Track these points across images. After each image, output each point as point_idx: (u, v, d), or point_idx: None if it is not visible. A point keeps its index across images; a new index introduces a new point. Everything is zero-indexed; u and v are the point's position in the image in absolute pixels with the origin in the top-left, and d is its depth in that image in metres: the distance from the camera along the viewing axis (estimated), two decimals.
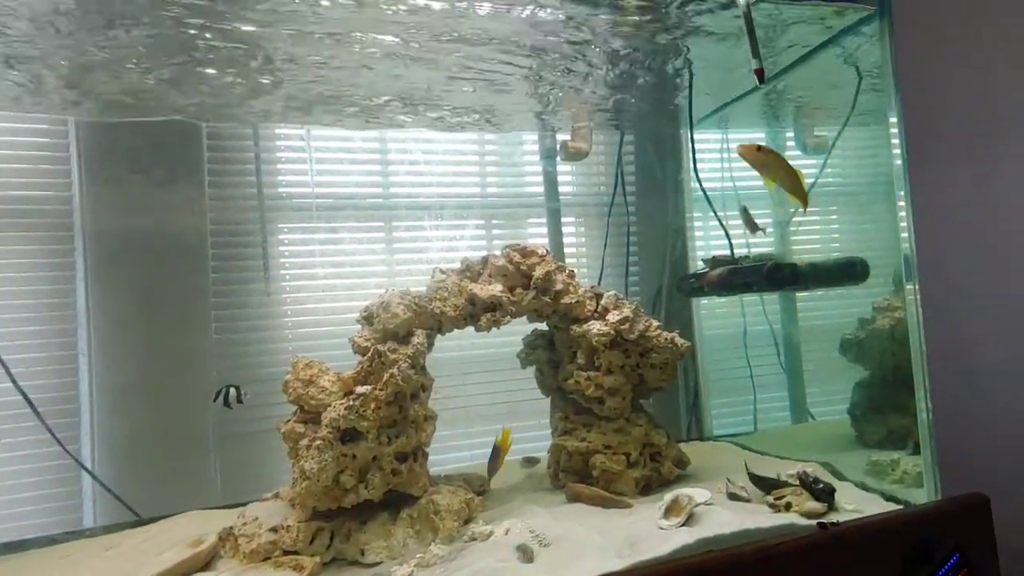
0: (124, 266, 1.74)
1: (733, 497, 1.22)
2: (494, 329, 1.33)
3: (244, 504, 1.31)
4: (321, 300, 1.94)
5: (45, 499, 1.68)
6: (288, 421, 1.17)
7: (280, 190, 1.92)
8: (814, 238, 2.11)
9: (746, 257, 1.62)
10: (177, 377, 1.77)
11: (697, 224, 2.08)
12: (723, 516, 1.06)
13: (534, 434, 1.88)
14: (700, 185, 1.63)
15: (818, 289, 1.81)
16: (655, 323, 1.37)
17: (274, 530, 1.10)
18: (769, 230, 1.87)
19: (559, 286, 1.33)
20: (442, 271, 1.33)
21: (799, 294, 2.03)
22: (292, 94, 1.58)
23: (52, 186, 1.73)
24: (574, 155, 1.74)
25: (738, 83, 1.65)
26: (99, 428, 1.70)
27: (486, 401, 1.97)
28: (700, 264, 1.73)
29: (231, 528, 1.12)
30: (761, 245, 1.87)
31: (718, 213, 1.67)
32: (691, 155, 1.72)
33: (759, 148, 1.37)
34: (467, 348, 1.97)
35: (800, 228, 2.01)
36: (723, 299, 1.95)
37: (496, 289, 1.29)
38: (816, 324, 2.10)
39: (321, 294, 1.95)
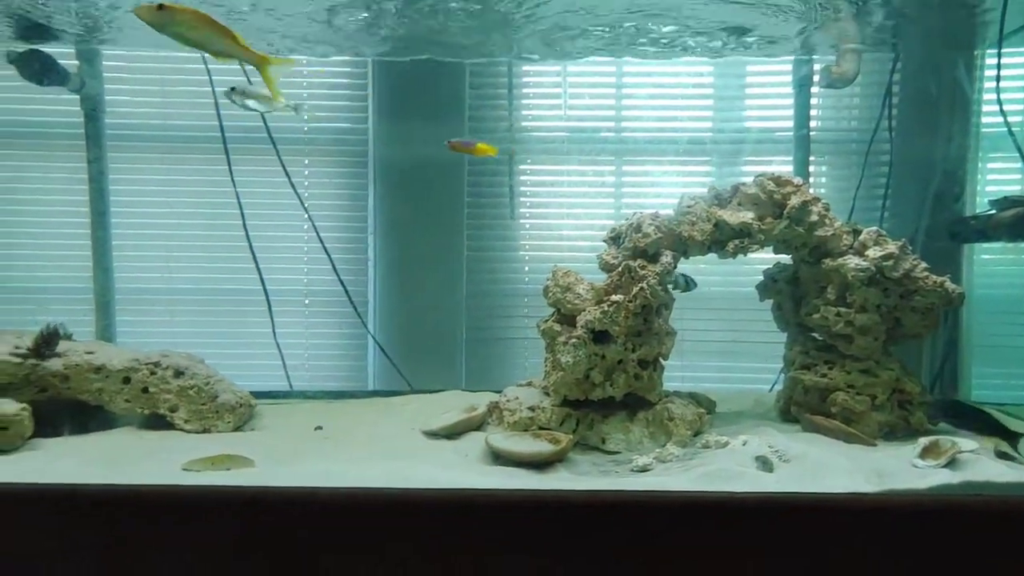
0: (401, 188, 2.08)
1: (1002, 456, 1.12)
2: (707, 266, 1.32)
3: (485, 391, 1.56)
4: (556, 227, 2.12)
5: (342, 367, 2.15)
6: (547, 321, 1.35)
7: (525, 124, 2.10)
8: None
9: None
10: (437, 282, 2.09)
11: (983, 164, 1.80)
12: (993, 466, 0.99)
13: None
14: (1004, 117, 1.40)
15: None
16: (923, 264, 1.26)
17: (531, 409, 1.30)
18: None
19: (814, 217, 1.30)
20: (690, 197, 1.37)
21: None
22: (546, 28, 1.67)
23: (353, 120, 2.10)
24: (838, 80, 1.61)
25: None
26: (379, 317, 2.11)
27: (701, 337, 2.00)
28: (987, 205, 1.52)
29: (497, 403, 1.35)
30: None
31: None
32: (995, 80, 1.48)
33: (160, 7, 1.02)
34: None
35: None
36: (1009, 258, 1.69)
37: (747, 216, 1.30)
38: None
39: (555, 221, 2.12)
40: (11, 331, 1.24)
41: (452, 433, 1.29)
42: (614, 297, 1.23)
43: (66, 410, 1.24)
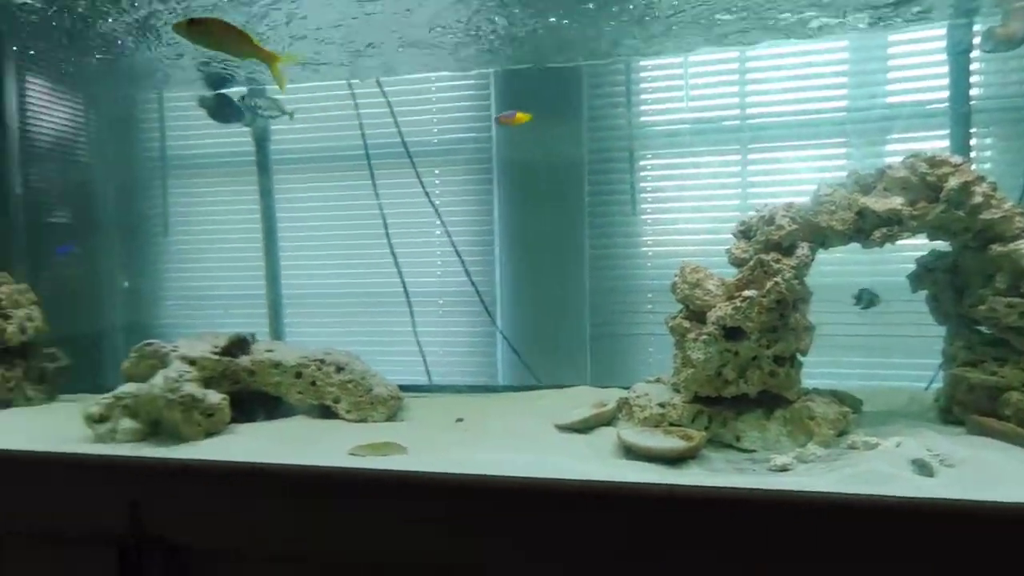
0: (524, 191, 2.16)
1: None
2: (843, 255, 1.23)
3: (612, 387, 1.59)
4: (679, 221, 2.08)
5: (473, 363, 2.29)
6: (676, 317, 1.35)
7: (644, 119, 2.09)
8: None
9: None
10: (561, 280, 2.15)
11: None
12: None
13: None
14: None
15: None
16: None
17: (662, 405, 1.31)
18: None
19: (977, 199, 1.17)
20: (828, 185, 1.30)
21: None
22: (668, 24, 1.66)
23: (477, 129, 2.22)
24: (1003, 43, 1.44)
25: None
26: (507, 315, 2.21)
27: (843, 332, 1.87)
28: None
29: (626, 399, 1.38)
30: None
31: None
32: None
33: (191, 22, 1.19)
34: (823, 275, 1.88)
35: None
36: None
37: (895, 202, 1.21)
38: None
39: (679, 215, 2.09)
40: (210, 332, 1.48)
41: (584, 428, 1.34)
42: (746, 292, 1.20)
43: (252, 400, 1.46)
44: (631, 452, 1.17)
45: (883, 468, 0.99)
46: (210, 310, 2.24)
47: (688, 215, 2.07)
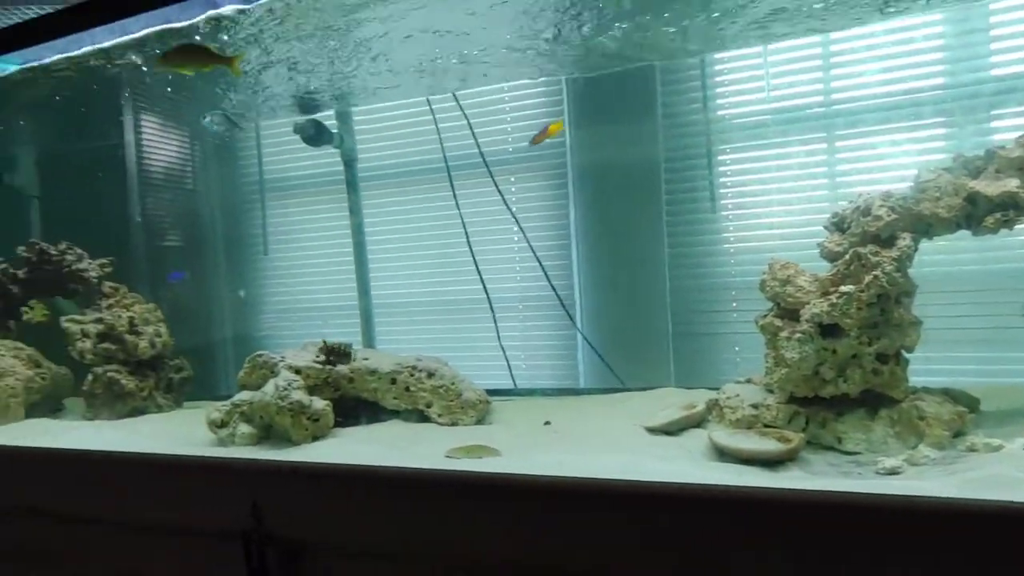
0: (599, 193, 2.16)
1: None
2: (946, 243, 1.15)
3: (697, 388, 1.57)
4: (762, 216, 2.01)
5: (554, 366, 2.31)
6: (766, 316, 1.31)
7: (721, 112, 2.04)
8: None
9: None
10: (640, 281, 2.13)
11: None
12: None
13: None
14: None
15: None
16: None
17: (754, 406, 1.28)
18: None
19: None
20: (930, 170, 1.22)
21: None
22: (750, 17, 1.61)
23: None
24: None
25: None
26: (586, 318, 2.22)
27: (953, 325, 1.74)
28: None
29: (716, 400, 1.36)
30: None
31: None
32: None
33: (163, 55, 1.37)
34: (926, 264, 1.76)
35: None
36: None
37: (1010, 184, 1.12)
38: None
39: (761, 210, 2.02)
40: (313, 343, 1.59)
41: (673, 430, 1.32)
42: (843, 288, 1.15)
43: (352, 405, 1.55)
44: (725, 454, 1.15)
45: (1010, 472, 0.92)
46: (307, 321, 2.39)
47: (771, 209, 2.00)
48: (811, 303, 1.20)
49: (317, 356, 1.53)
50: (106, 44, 1.36)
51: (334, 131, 2.04)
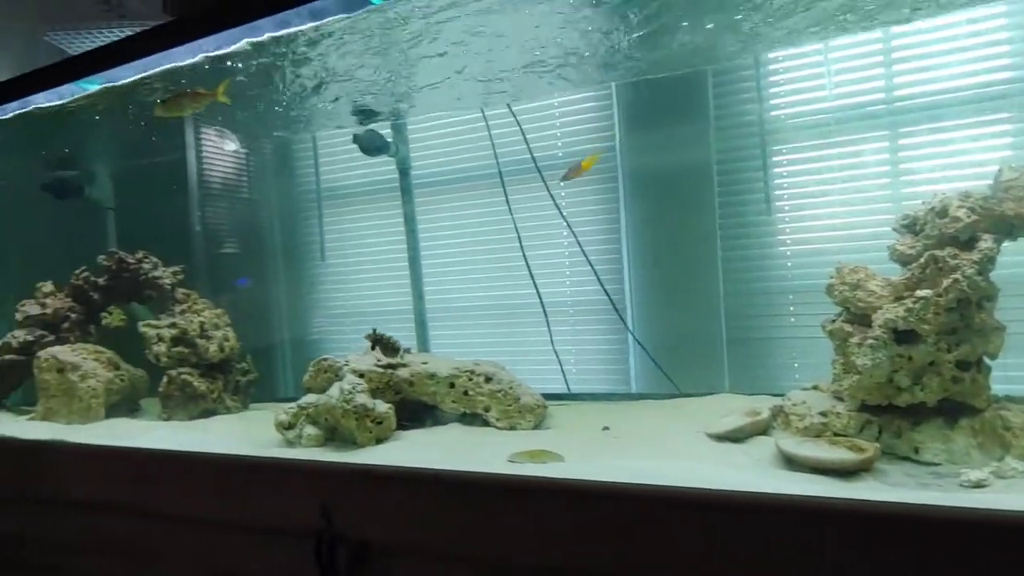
0: (650, 197, 2.14)
1: None
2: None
3: (754, 395, 1.54)
4: (821, 218, 1.96)
5: (605, 371, 2.30)
6: (835, 321, 1.28)
7: (775, 113, 1.99)
8: None
9: None
10: (692, 285, 2.10)
11: None
12: None
13: None
14: None
15: None
16: None
17: (823, 414, 1.24)
18: None
19: None
20: (1012, 168, 1.17)
21: None
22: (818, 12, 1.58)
23: (600, 139, 2.24)
24: None
25: None
26: (637, 322, 2.20)
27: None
28: None
29: (781, 407, 1.33)
30: None
31: None
32: None
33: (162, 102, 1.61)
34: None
35: None
36: None
37: None
38: None
39: (817, 212, 1.96)
40: (375, 352, 1.63)
41: (737, 436, 1.30)
42: (920, 292, 1.12)
43: (412, 409, 1.58)
44: (793, 463, 1.13)
45: None
46: (363, 326, 2.45)
47: (830, 211, 1.94)
48: (884, 308, 1.16)
49: (377, 360, 1.57)
50: (184, 63, 1.43)
51: (389, 140, 2.09)
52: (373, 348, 1.60)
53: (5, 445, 1.67)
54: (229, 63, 1.61)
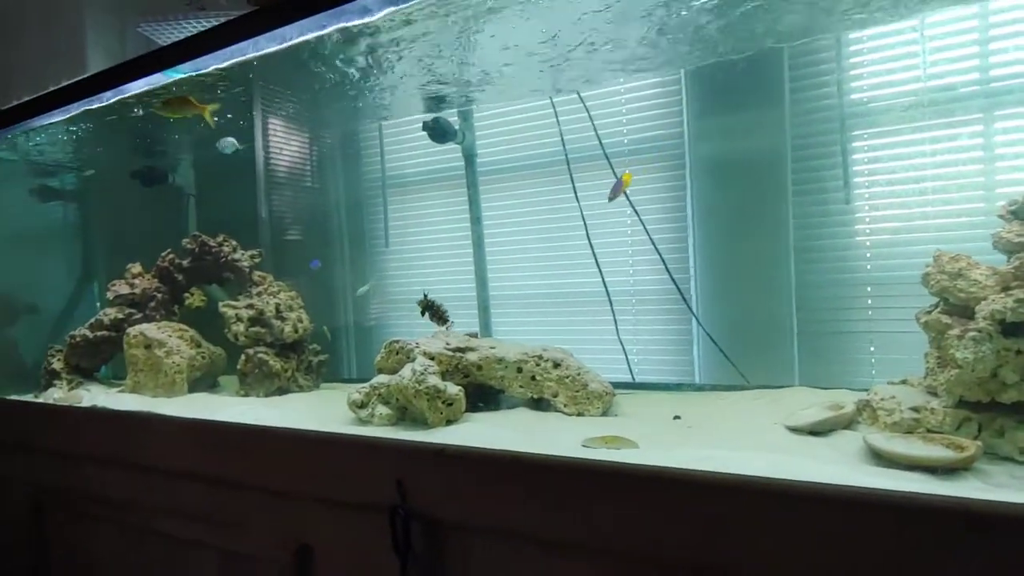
0: (719, 184, 2.08)
1: None
2: None
3: (828, 389, 1.49)
4: (902, 206, 1.86)
5: (669, 361, 2.26)
6: (931, 312, 1.21)
7: (856, 96, 1.89)
8: None
9: None
10: (763, 276, 2.03)
11: None
12: None
13: None
14: None
15: None
16: None
17: (915, 410, 1.18)
18: None
19: None
20: None
21: None
22: None
23: (667, 125, 2.19)
24: None
25: None
26: (702, 312, 2.15)
27: None
28: None
29: (867, 401, 1.27)
30: None
31: None
32: None
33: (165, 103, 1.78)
34: None
35: None
36: None
37: None
38: None
39: (902, 199, 1.86)
40: (442, 332, 1.65)
41: (818, 430, 1.25)
42: None
43: (479, 392, 1.60)
44: (881, 459, 1.07)
45: None
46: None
47: (916, 198, 1.84)
48: (990, 298, 1.09)
49: (447, 344, 1.59)
50: (269, 50, 1.48)
51: (456, 127, 2.10)
52: (423, 314, 1.63)
53: (103, 414, 1.79)
54: (301, 53, 1.65)
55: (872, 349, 1.92)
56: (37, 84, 2.12)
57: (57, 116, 1.95)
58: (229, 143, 2.22)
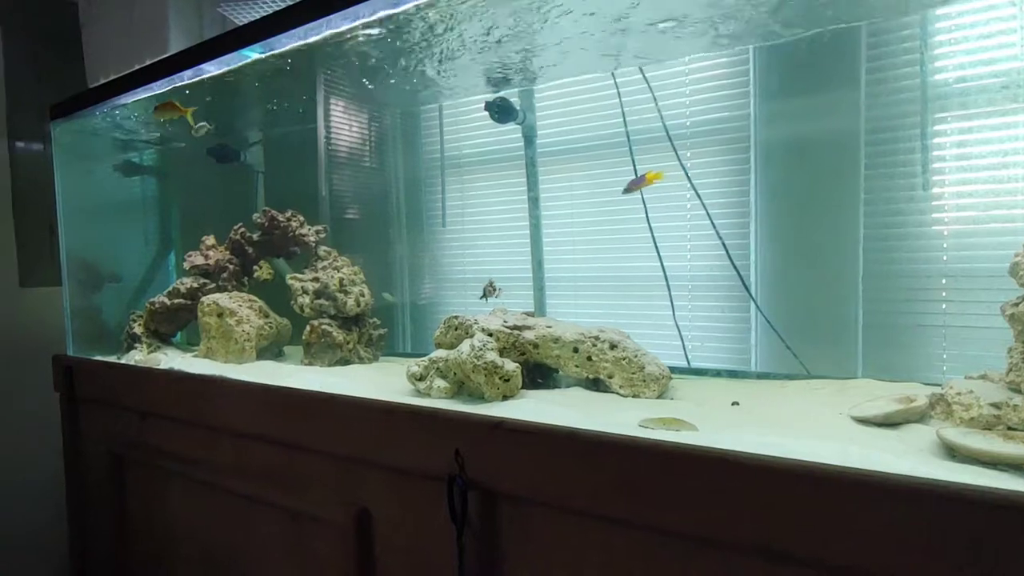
0: (786, 168, 2.01)
1: None
2: None
3: (896, 382, 1.44)
4: (986, 194, 1.75)
5: (725, 348, 2.22)
6: (1018, 304, 1.15)
7: (940, 76, 1.79)
8: None
9: None
10: (828, 264, 1.96)
11: None
12: None
13: None
14: None
15: None
16: None
17: (995, 406, 1.13)
18: None
19: None
20: None
21: None
22: None
23: (733, 107, 2.13)
24: None
25: None
26: (762, 300, 2.09)
27: None
28: None
29: (942, 395, 1.22)
30: None
31: None
32: None
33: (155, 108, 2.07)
34: None
35: None
36: None
37: None
38: None
39: (987, 187, 1.75)
40: (500, 309, 1.68)
41: (887, 422, 1.22)
42: None
43: (535, 370, 1.62)
44: (956, 454, 1.03)
45: None
46: (480, 291, 2.53)
47: (1001, 186, 1.73)
48: None
49: (504, 321, 1.62)
50: (342, 28, 1.51)
51: (517, 108, 2.11)
52: (484, 297, 1.67)
53: (179, 376, 1.91)
54: (369, 32, 1.68)
55: (945, 344, 1.83)
56: (122, 63, 2.25)
57: (141, 94, 2.06)
58: (202, 126, 2.33)
